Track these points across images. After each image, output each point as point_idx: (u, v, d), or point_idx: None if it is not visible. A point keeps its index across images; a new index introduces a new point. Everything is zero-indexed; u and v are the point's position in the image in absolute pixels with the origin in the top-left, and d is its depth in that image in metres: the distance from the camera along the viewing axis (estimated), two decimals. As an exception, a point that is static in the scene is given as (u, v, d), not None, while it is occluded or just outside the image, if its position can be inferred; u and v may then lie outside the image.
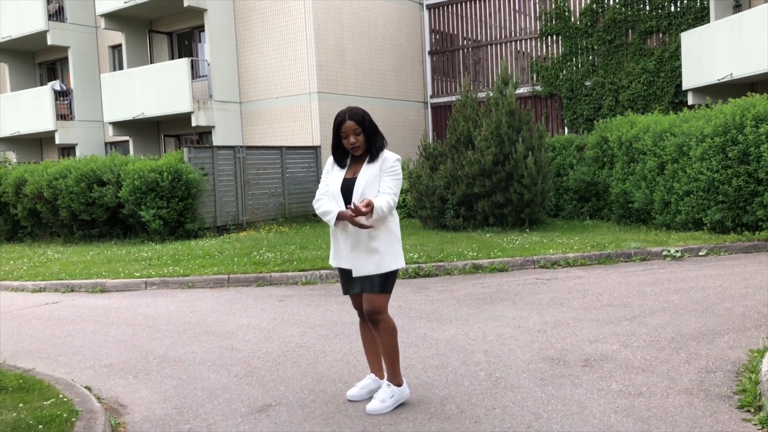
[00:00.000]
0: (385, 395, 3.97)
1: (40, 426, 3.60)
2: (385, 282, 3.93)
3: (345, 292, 4.18)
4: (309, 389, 4.43)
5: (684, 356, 4.68)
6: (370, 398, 4.08)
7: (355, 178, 3.93)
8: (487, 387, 4.30)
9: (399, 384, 4.02)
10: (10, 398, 4.11)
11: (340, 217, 3.85)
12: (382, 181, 3.91)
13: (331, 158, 4.10)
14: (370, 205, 3.70)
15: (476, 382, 4.41)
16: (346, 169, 4.01)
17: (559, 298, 6.83)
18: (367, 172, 3.92)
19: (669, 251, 8.92)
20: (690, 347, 4.88)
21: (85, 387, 4.60)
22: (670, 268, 8.21)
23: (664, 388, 4.10)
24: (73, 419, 3.72)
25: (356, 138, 3.90)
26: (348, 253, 3.96)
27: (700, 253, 8.94)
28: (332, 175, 4.04)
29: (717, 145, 9.89)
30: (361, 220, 3.77)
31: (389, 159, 3.97)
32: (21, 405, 3.95)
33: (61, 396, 4.15)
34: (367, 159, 3.96)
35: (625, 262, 8.83)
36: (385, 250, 3.92)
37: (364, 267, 3.91)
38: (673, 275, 7.70)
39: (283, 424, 3.87)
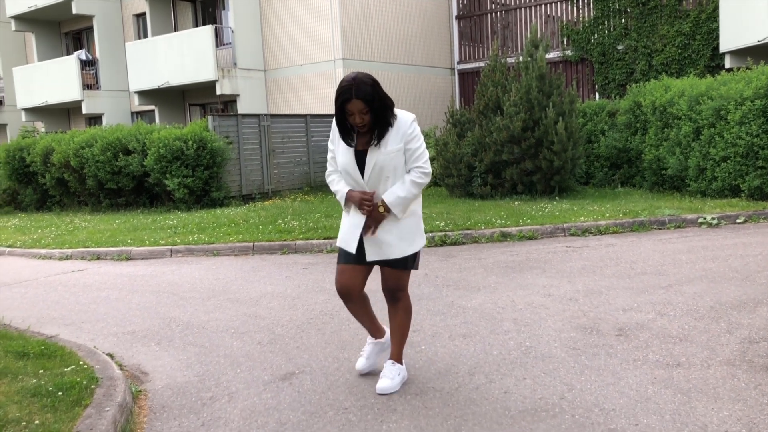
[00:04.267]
0: (394, 373, 3.74)
1: (60, 393, 3.53)
2: (416, 258, 3.74)
3: (340, 261, 3.71)
4: (333, 357, 4.32)
5: (724, 326, 4.47)
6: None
7: (366, 151, 3.53)
8: (516, 356, 4.14)
9: (401, 362, 3.84)
10: (31, 364, 4.06)
11: (350, 199, 3.57)
12: (406, 158, 3.53)
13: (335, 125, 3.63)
14: (383, 207, 3.51)
15: (505, 351, 4.25)
16: (354, 144, 3.56)
17: (591, 266, 6.62)
18: (377, 152, 3.50)
19: (705, 218, 8.62)
20: (731, 316, 4.66)
21: (107, 354, 4.55)
22: (706, 235, 7.94)
23: (704, 358, 3.91)
24: (92, 386, 3.66)
25: (363, 117, 3.41)
26: (380, 235, 3.58)
27: (738, 221, 8.62)
28: (340, 150, 3.59)
29: (758, 108, 9.50)
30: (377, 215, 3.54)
31: (404, 123, 3.50)
32: (42, 371, 3.90)
33: (82, 363, 4.08)
34: (374, 137, 3.49)
35: (659, 229, 8.56)
36: (415, 228, 3.66)
37: (404, 248, 3.59)
38: (709, 243, 7.43)
39: (307, 392, 3.76)
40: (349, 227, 3.63)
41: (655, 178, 11.78)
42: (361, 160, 3.54)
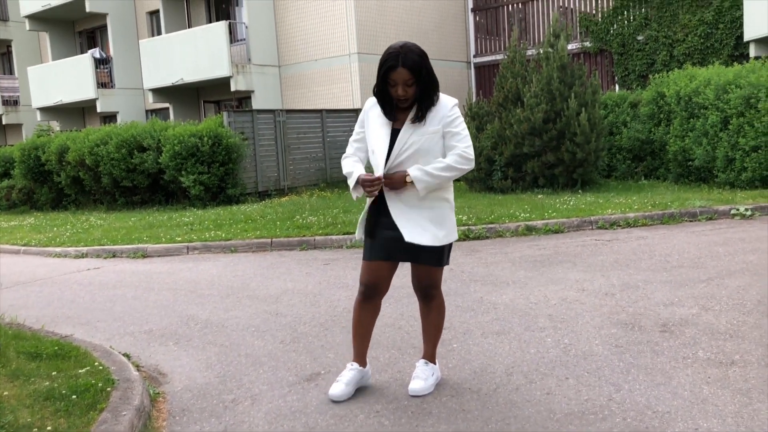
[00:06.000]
0: (427, 373, 3.50)
1: (74, 396, 3.33)
2: (448, 253, 3.47)
3: (369, 257, 3.37)
4: (360, 357, 4.09)
5: (776, 321, 4.20)
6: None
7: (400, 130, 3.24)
8: (556, 355, 3.90)
9: (435, 362, 3.60)
10: (45, 366, 3.87)
11: (360, 182, 3.24)
12: (447, 139, 3.23)
13: (369, 104, 3.35)
14: (402, 179, 3.18)
15: (543, 349, 4.01)
16: (393, 121, 3.26)
17: (624, 259, 6.35)
18: (414, 130, 3.21)
19: (738, 209, 8.31)
20: (781, 311, 4.39)
21: (124, 354, 4.35)
22: (740, 227, 7.63)
23: (761, 356, 3.64)
24: (108, 389, 3.45)
25: (406, 90, 3.13)
26: (410, 216, 3.26)
27: (773, 212, 8.31)
28: (375, 129, 3.29)
29: (790, 95, 9.16)
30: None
31: (444, 106, 3.23)
32: (55, 373, 3.70)
33: (97, 364, 3.88)
34: (413, 113, 3.22)
35: (690, 221, 8.26)
36: (448, 219, 3.37)
37: (437, 234, 3.27)
38: (745, 234, 7.13)
39: (334, 394, 3.54)
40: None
41: (681, 169, 11.45)
42: (394, 140, 3.25)
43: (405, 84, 3.13)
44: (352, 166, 3.34)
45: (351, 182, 3.33)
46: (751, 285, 5.08)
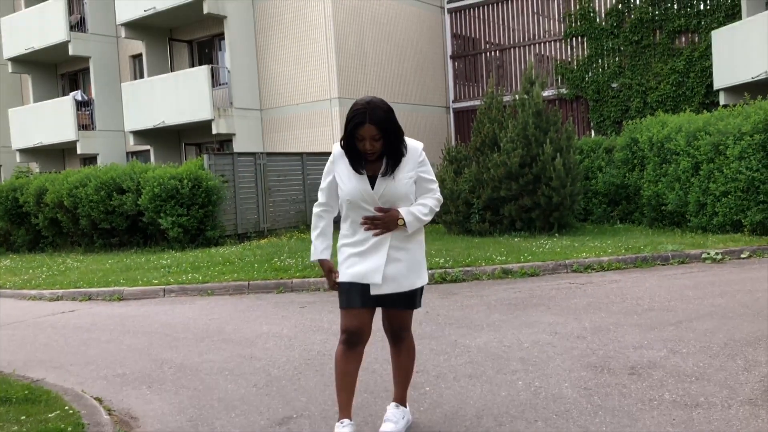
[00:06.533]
0: (398, 416, 3.53)
1: (43, 441, 3.32)
2: (421, 295, 3.54)
3: (352, 305, 3.35)
4: (332, 400, 4.09)
5: (741, 363, 4.29)
6: None
7: (374, 177, 3.31)
8: (526, 397, 3.94)
9: (405, 405, 3.64)
10: (14, 410, 3.84)
11: (322, 265, 3.41)
12: (420, 183, 3.38)
13: (336, 152, 3.38)
14: (395, 220, 3.28)
15: (514, 392, 4.06)
16: (363, 171, 3.33)
17: (597, 302, 6.45)
18: (389, 181, 3.29)
19: (709, 254, 8.48)
20: (746, 354, 4.48)
21: (96, 398, 4.33)
22: (711, 271, 7.79)
23: (724, 398, 3.72)
24: (78, 433, 3.44)
25: (373, 145, 3.22)
26: (390, 266, 3.32)
27: (742, 256, 8.49)
28: (347, 179, 3.33)
29: (757, 142, 9.45)
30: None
31: (414, 151, 3.35)
32: (24, 418, 3.68)
33: (67, 408, 3.87)
34: (383, 168, 3.30)
35: (663, 265, 8.41)
36: (423, 260, 3.48)
37: (412, 280, 3.37)
38: (716, 278, 7.28)
39: (306, 438, 3.55)
40: (370, 256, 3.33)
41: (655, 213, 11.68)
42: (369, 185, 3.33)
43: (372, 139, 3.20)
44: (316, 237, 3.45)
45: (312, 253, 3.44)
46: (718, 328, 5.18)
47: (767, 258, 8.38)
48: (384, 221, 3.30)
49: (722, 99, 14.80)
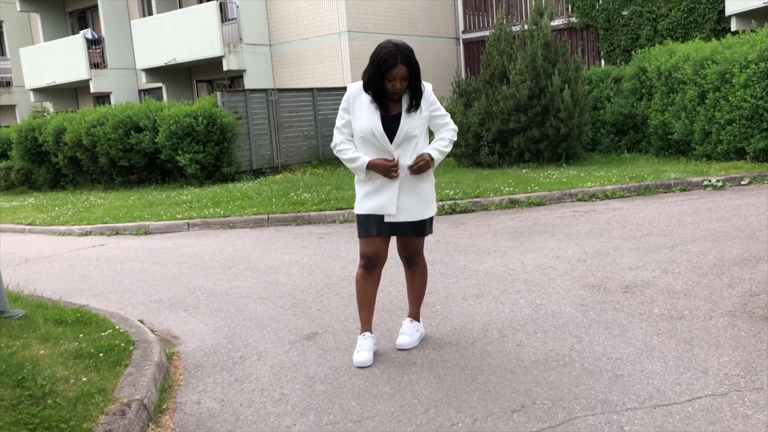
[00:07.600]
0: (412, 330, 3.97)
1: (101, 354, 3.77)
2: (431, 224, 3.91)
3: (369, 234, 3.71)
4: (353, 318, 4.53)
5: (726, 281, 4.67)
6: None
7: (398, 114, 3.59)
8: (528, 313, 4.36)
9: (419, 320, 4.06)
10: (70, 330, 4.30)
11: (374, 167, 3.59)
12: (434, 120, 3.73)
13: (353, 91, 3.64)
14: (426, 160, 3.62)
15: (517, 309, 4.47)
16: (386, 112, 3.61)
17: (598, 229, 6.82)
18: (411, 117, 3.59)
19: (710, 181, 8.78)
20: (733, 272, 4.86)
21: (139, 320, 4.79)
22: (711, 197, 8.10)
23: (707, 311, 4.11)
24: (130, 348, 3.90)
25: (402, 84, 3.50)
26: (403, 198, 3.66)
27: (743, 183, 8.78)
28: (362, 117, 3.60)
29: (762, 70, 9.58)
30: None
31: (428, 91, 3.67)
32: (81, 336, 4.14)
33: (117, 328, 4.33)
34: (406, 104, 3.60)
35: (665, 192, 8.73)
36: (432, 192, 3.84)
37: (422, 211, 3.72)
38: (714, 204, 7.61)
39: (331, 350, 4.00)
40: (384, 191, 3.65)
41: (661, 142, 11.90)
42: (387, 126, 3.61)
43: (402, 79, 3.49)
44: (354, 152, 3.67)
45: (358, 166, 3.64)
46: (710, 250, 5.55)
47: (766, 184, 8.66)
48: (422, 168, 3.65)
49: (734, 25, 14.72)
